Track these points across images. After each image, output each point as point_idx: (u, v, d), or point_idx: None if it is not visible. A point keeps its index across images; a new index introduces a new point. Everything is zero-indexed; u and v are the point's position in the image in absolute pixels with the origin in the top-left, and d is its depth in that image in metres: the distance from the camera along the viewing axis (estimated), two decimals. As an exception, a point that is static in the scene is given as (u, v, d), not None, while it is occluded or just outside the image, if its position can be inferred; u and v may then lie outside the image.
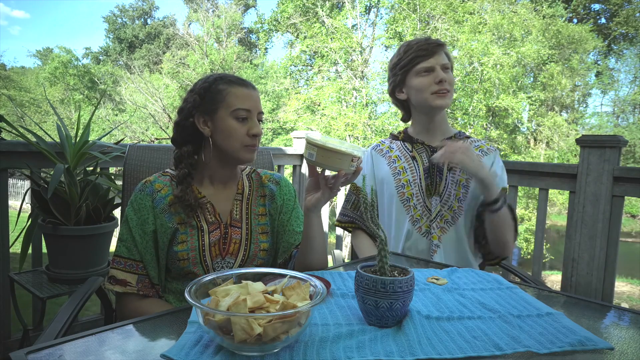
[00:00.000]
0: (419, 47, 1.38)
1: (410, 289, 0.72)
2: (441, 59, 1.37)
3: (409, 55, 1.39)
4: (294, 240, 1.14)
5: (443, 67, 1.37)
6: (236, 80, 1.07)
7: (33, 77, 22.17)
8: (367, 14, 15.24)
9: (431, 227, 1.38)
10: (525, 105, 13.51)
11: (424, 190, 1.40)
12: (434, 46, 1.38)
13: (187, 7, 22.58)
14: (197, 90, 1.07)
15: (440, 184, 1.40)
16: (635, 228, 14.41)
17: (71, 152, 1.62)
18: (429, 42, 1.39)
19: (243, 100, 1.04)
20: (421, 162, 1.43)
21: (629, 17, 16.02)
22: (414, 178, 1.42)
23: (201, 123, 1.06)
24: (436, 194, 1.39)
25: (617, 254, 1.84)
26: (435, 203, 1.39)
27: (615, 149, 1.83)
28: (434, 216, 1.38)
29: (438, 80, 1.35)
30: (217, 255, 1.07)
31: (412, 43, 1.42)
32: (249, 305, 0.61)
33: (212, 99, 1.05)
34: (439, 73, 1.36)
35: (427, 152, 1.43)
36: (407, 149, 1.47)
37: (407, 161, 1.45)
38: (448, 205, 1.38)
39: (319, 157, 0.93)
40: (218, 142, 1.06)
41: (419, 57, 1.38)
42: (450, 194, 1.38)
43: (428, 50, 1.37)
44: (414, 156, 1.45)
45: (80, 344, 0.64)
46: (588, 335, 0.69)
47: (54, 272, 1.59)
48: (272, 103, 17.13)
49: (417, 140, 1.46)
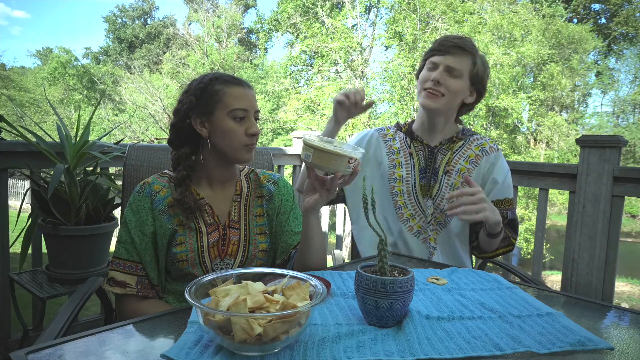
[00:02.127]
0: (443, 41, 1.32)
1: (410, 289, 0.72)
2: (453, 62, 1.30)
3: (432, 46, 1.35)
4: (293, 240, 1.14)
5: (447, 68, 1.30)
6: (232, 80, 1.06)
7: (33, 77, 22.17)
8: (367, 14, 15.25)
9: (427, 229, 1.37)
10: (525, 105, 13.51)
11: (418, 190, 1.38)
12: (452, 45, 1.30)
13: (187, 7, 22.61)
14: (193, 91, 1.06)
15: (434, 187, 1.38)
16: (635, 228, 14.40)
17: (71, 152, 1.62)
18: (458, 41, 1.31)
19: (240, 100, 1.04)
20: (417, 162, 1.40)
21: (629, 17, 16.02)
22: (407, 175, 1.39)
23: (198, 124, 1.05)
24: (429, 197, 1.38)
25: (617, 254, 1.84)
26: (429, 205, 1.37)
27: (615, 149, 1.83)
28: (429, 219, 1.37)
29: (432, 79, 1.30)
30: (216, 256, 1.07)
31: (446, 35, 1.36)
32: (249, 305, 0.61)
33: (209, 100, 1.04)
34: (436, 72, 1.30)
35: (424, 152, 1.41)
36: (407, 144, 1.44)
37: (404, 156, 1.42)
38: (441, 208, 1.36)
39: (315, 159, 0.91)
40: (216, 143, 1.05)
41: (435, 50, 1.33)
42: (444, 197, 1.36)
43: (445, 46, 1.31)
44: (411, 153, 1.42)
45: (80, 344, 0.64)
46: (588, 335, 0.69)
47: (54, 272, 1.59)
48: (272, 103, 17.12)
49: (417, 137, 1.43)
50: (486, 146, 1.40)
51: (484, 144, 1.40)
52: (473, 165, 1.38)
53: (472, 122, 11.95)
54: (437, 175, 1.38)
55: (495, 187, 1.36)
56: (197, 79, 1.09)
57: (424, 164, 1.40)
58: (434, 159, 1.39)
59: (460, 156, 1.39)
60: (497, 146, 1.42)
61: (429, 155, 1.40)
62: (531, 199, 10.66)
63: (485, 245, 1.33)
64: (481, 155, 1.38)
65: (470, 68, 1.32)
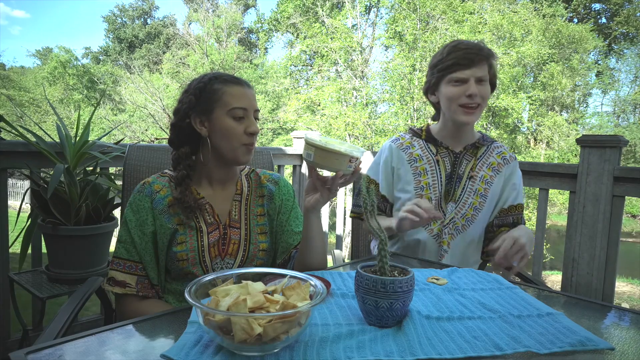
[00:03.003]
0: (464, 55, 1.30)
1: (410, 289, 0.72)
2: (479, 71, 1.30)
3: (450, 60, 1.31)
4: (293, 240, 1.14)
5: (478, 79, 1.30)
6: (231, 79, 1.07)
7: (32, 77, 22.17)
8: (367, 13, 15.26)
9: (443, 232, 1.37)
10: (526, 105, 13.51)
11: (442, 196, 1.39)
12: (478, 57, 1.29)
13: (187, 7, 22.61)
14: (192, 90, 1.06)
15: (457, 191, 1.39)
16: (635, 228, 14.39)
17: (71, 152, 1.62)
18: (477, 51, 1.30)
19: (239, 99, 1.04)
20: (444, 168, 1.41)
21: (629, 17, 16.02)
22: (434, 182, 1.40)
23: (198, 124, 1.05)
24: (452, 200, 1.38)
25: (617, 254, 1.84)
26: (451, 209, 1.38)
27: (616, 149, 1.83)
28: (447, 222, 1.37)
29: (468, 94, 1.29)
30: (216, 255, 1.07)
31: (460, 47, 1.32)
32: (249, 305, 0.61)
33: (208, 99, 1.04)
34: (470, 86, 1.29)
35: (450, 158, 1.41)
36: (431, 151, 1.43)
37: (429, 163, 1.42)
38: (462, 213, 1.37)
39: (316, 158, 0.93)
40: (216, 142, 1.05)
41: (458, 65, 1.30)
42: (466, 202, 1.38)
43: (470, 60, 1.29)
44: (438, 160, 1.42)
45: (80, 344, 0.64)
46: (588, 336, 0.69)
47: (53, 272, 1.59)
48: (272, 103, 17.13)
49: (442, 144, 1.43)
50: (506, 155, 1.46)
51: (504, 152, 1.46)
52: (495, 172, 1.42)
53: (472, 122, 11.93)
54: (462, 180, 1.40)
55: (514, 192, 1.42)
56: (197, 78, 1.09)
57: (450, 169, 1.41)
58: (460, 164, 1.41)
59: (483, 163, 1.42)
60: (514, 155, 1.49)
61: (454, 161, 1.41)
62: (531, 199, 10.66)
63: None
64: (502, 164, 1.44)
65: (489, 70, 1.34)
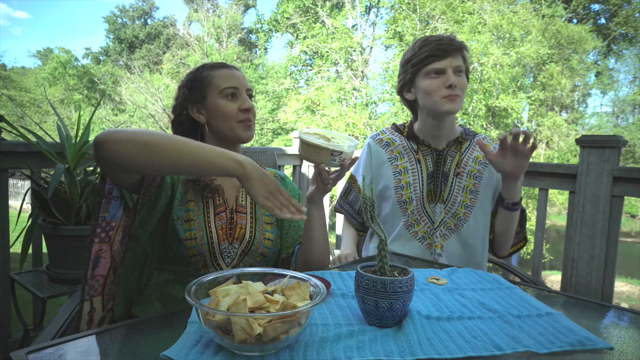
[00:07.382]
0: (437, 46, 1.28)
1: (410, 289, 0.72)
2: (455, 61, 1.28)
3: (423, 52, 1.30)
4: (299, 236, 1.16)
5: (456, 69, 1.29)
6: (218, 65, 1.11)
7: (33, 77, 22.17)
8: (367, 14, 15.26)
9: (434, 235, 1.33)
10: (525, 105, 13.52)
11: (424, 196, 1.35)
12: (451, 48, 1.28)
13: (188, 7, 22.62)
14: (185, 83, 1.11)
15: (445, 190, 1.35)
16: (635, 228, 14.40)
17: (71, 152, 1.62)
18: (449, 42, 1.29)
19: (228, 79, 1.07)
20: (425, 166, 1.37)
21: (628, 18, 16.01)
22: (414, 181, 1.36)
23: (195, 112, 1.09)
24: (440, 201, 1.35)
25: (616, 254, 1.84)
26: (440, 210, 1.34)
27: (615, 149, 1.83)
28: (437, 224, 1.34)
29: (448, 85, 1.27)
30: (224, 239, 1.06)
31: (431, 39, 1.31)
32: (249, 305, 0.61)
33: (200, 87, 1.08)
34: (449, 76, 1.27)
35: (432, 156, 1.37)
36: (412, 149, 1.40)
37: (410, 162, 1.39)
38: (452, 212, 1.34)
39: (301, 150, 0.98)
40: (215, 125, 1.08)
41: (433, 56, 1.28)
42: (456, 201, 1.34)
43: (445, 50, 1.27)
44: (419, 159, 1.38)
45: (81, 344, 0.64)
46: (588, 335, 0.69)
47: (54, 272, 1.59)
48: (272, 103, 17.11)
49: (424, 141, 1.39)
50: (490, 147, 1.40)
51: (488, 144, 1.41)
52: (483, 166, 1.37)
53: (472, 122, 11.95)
54: (448, 178, 1.36)
55: None
56: (188, 73, 1.14)
57: (432, 168, 1.37)
58: (444, 162, 1.37)
59: (469, 157, 1.38)
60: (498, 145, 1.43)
61: (437, 159, 1.37)
62: (531, 199, 10.66)
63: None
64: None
65: (464, 62, 1.33)
